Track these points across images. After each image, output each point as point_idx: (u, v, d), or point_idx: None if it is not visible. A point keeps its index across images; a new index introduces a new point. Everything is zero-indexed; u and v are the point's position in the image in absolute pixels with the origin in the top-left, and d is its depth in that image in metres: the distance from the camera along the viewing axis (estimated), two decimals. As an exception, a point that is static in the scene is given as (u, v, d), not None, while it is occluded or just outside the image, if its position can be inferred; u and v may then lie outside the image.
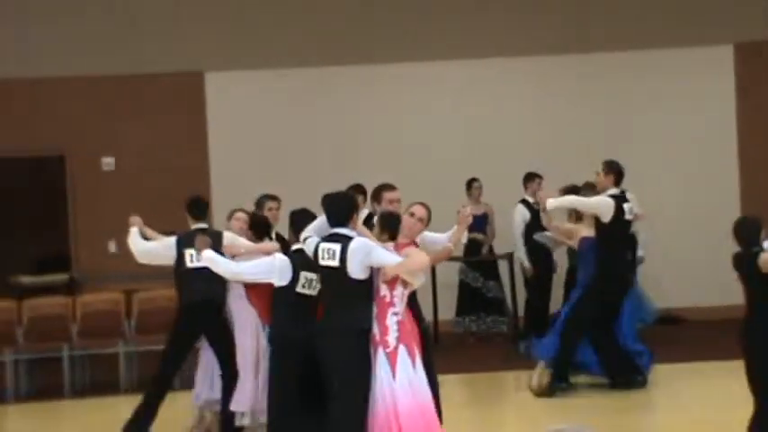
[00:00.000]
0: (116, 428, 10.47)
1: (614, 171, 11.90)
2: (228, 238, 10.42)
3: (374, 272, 8.24)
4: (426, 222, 8.78)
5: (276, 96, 16.92)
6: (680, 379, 12.62)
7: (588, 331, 11.87)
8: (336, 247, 8.23)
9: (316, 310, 8.55)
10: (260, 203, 11.32)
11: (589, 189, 12.63)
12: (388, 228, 8.51)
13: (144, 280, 15.11)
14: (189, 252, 10.16)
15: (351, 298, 8.23)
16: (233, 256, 9.92)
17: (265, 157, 16.67)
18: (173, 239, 10.43)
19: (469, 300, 15.63)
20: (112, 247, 16.20)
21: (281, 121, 16.89)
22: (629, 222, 12.02)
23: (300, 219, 8.86)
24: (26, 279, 15.89)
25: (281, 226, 10.39)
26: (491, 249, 15.75)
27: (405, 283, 8.27)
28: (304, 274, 8.56)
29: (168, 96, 16.81)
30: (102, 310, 13.93)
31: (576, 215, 12.62)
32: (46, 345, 13.75)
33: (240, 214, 10.75)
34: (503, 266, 15.58)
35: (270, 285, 8.64)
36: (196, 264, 9.65)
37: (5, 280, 15.69)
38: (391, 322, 8.23)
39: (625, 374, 11.90)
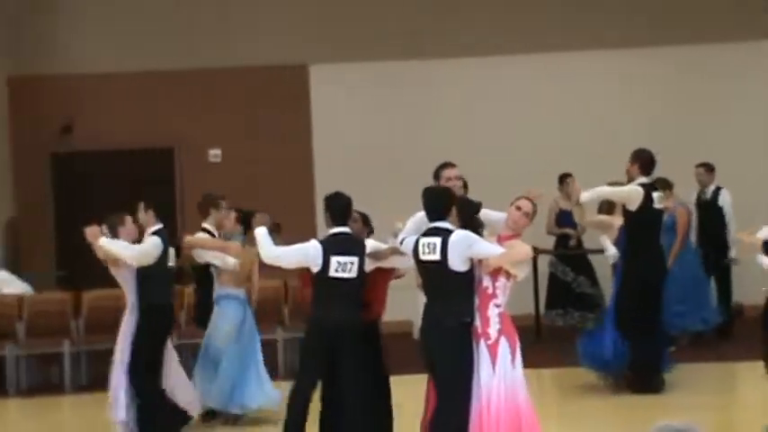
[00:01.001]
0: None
1: (641, 159, 11.63)
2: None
3: (475, 263, 8.12)
4: (531, 217, 8.60)
5: (379, 88, 16.91)
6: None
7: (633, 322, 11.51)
8: (437, 240, 8.12)
9: (353, 294, 8.67)
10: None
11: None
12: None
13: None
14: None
15: (453, 291, 8.11)
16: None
17: (367, 148, 16.66)
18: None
19: (558, 293, 15.37)
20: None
21: (384, 112, 16.87)
22: (658, 211, 11.68)
23: (335, 203, 8.87)
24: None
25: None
26: (579, 243, 15.47)
27: (508, 275, 8.11)
28: (336, 259, 8.61)
29: (273, 88, 16.88)
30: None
31: (607, 207, 12.41)
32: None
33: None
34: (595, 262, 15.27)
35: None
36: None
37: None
38: (493, 314, 8.08)
39: (645, 375, 11.51)
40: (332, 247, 8.67)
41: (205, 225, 11.26)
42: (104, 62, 16.75)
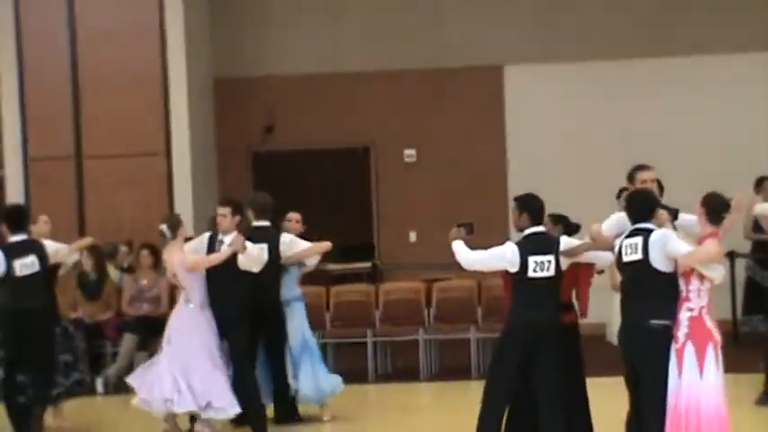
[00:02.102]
0: (415, 413, 10.46)
1: None
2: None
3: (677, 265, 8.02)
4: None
5: (573, 89, 16.85)
6: None
7: None
8: (638, 240, 8.09)
9: (552, 293, 8.66)
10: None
11: None
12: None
13: (441, 270, 15.31)
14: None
15: (656, 291, 8.02)
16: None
17: (560, 149, 16.65)
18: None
19: (757, 298, 14.94)
20: (413, 236, 16.41)
21: (578, 113, 16.82)
22: None
23: (531, 204, 8.88)
24: (333, 266, 16.21)
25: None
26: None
27: (701, 278, 7.93)
28: (533, 259, 8.63)
29: (468, 90, 17.01)
30: (403, 299, 14.10)
31: None
32: (351, 330, 14.03)
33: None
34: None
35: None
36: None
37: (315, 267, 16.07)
38: (683, 317, 7.93)
39: None
40: (528, 247, 8.68)
41: None
42: (304, 64, 17.13)
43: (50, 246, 11.32)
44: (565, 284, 8.83)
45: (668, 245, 7.96)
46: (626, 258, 8.11)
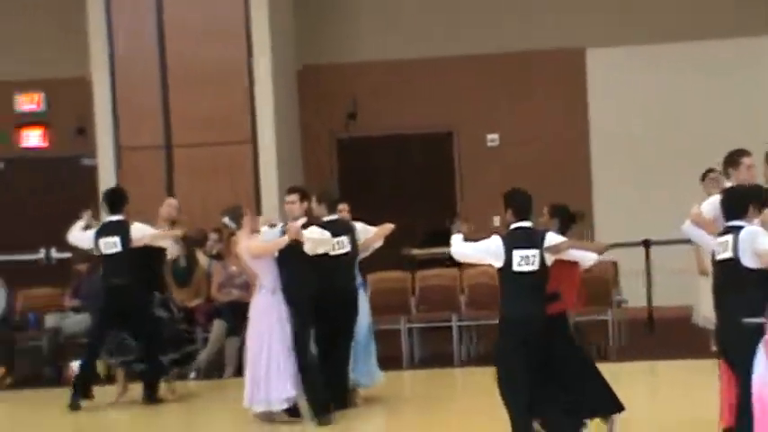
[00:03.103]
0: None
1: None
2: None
3: None
4: None
5: (655, 71, 16.76)
6: None
7: None
8: (729, 238, 8.05)
9: (537, 287, 8.63)
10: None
11: None
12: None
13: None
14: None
15: (748, 289, 7.93)
16: None
17: (644, 132, 16.58)
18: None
19: None
20: (496, 220, 16.37)
21: (659, 95, 16.75)
22: None
23: (516, 199, 8.88)
24: (417, 251, 16.20)
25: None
26: None
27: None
28: (518, 253, 8.61)
29: (550, 73, 17.04)
30: (487, 283, 14.02)
31: None
32: (436, 314, 14.09)
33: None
34: None
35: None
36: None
37: (399, 252, 16.06)
38: (770, 312, 7.99)
39: None
40: (513, 241, 8.67)
41: None
42: (387, 51, 17.24)
43: (139, 229, 12.29)
44: (552, 276, 8.79)
45: (756, 241, 7.89)
46: (718, 257, 8.10)
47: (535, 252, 8.63)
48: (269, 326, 10.75)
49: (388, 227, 11.60)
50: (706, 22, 16.64)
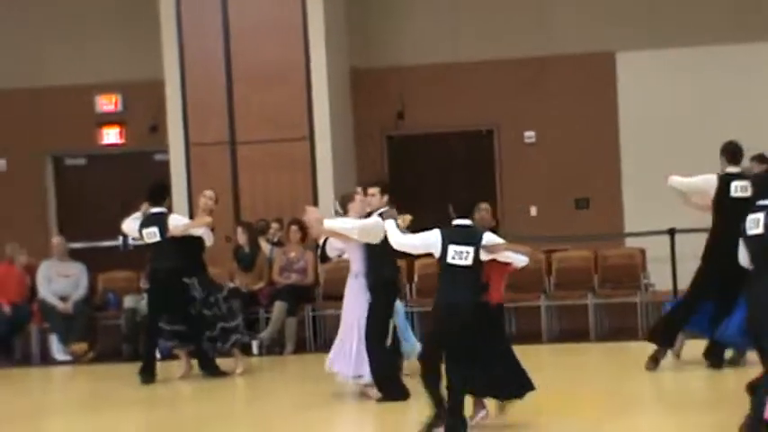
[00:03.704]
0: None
1: (724, 151, 11.83)
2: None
3: None
4: None
5: (683, 74, 16.86)
6: None
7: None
8: (760, 216, 8.46)
9: (469, 280, 9.01)
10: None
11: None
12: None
13: (559, 241, 15.97)
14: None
15: None
16: None
17: (672, 133, 16.63)
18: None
19: None
20: (533, 211, 16.90)
21: (688, 99, 16.80)
22: (736, 200, 11.53)
23: (457, 200, 9.27)
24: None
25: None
26: None
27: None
28: (453, 248, 9.02)
29: (582, 75, 17.15)
30: (525, 268, 14.40)
31: None
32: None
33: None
34: None
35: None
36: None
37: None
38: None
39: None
40: (451, 236, 9.10)
41: None
42: (432, 54, 17.37)
43: (174, 220, 12.86)
44: (484, 270, 9.20)
45: None
46: (749, 232, 8.47)
47: (470, 249, 8.95)
48: (350, 308, 10.95)
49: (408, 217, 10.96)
50: (734, 26, 16.61)
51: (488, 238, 9.14)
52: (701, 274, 11.84)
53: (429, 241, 9.16)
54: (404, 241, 9.43)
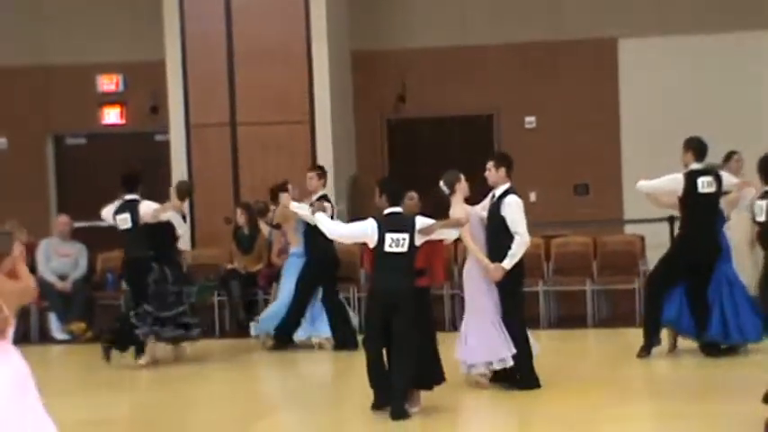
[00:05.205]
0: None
1: (690, 148, 11.85)
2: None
3: None
4: None
5: (685, 61, 16.83)
6: None
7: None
8: (765, 202, 8.71)
9: (405, 266, 9.29)
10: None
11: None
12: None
13: (558, 227, 15.89)
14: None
15: None
16: None
17: (673, 120, 16.48)
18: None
19: None
20: (533, 196, 16.82)
21: (690, 85, 16.79)
22: (704, 195, 11.69)
23: (389, 187, 9.61)
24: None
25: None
26: None
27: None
28: (390, 236, 9.28)
29: (584, 61, 17.12)
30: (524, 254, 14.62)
31: None
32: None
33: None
34: None
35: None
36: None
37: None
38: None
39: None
40: (387, 225, 9.35)
41: None
42: (433, 38, 17.37)
43: (145, 206, 12.75)
44: (420, 253, 9.46)
45: None
46: (758, 219, 8.70)
47: (405, 236, 9.30)
48: (479, 290, 10.45)
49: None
50: (738, 13, 16.56)
51: (421, 221, 9.39)
52: (667, 265, 11.92)
53: (365, 231, 9.40)
54: (339, 231, 9.71)
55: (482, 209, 10.66)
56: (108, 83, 17.98)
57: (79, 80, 17.76)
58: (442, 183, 10.58)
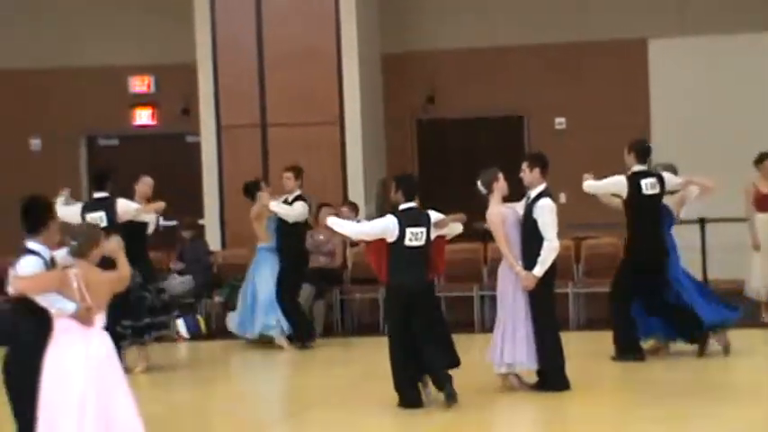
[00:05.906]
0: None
1: (633, 150, 11.87)
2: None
3: None
4: None
5: (715, 62, 16.80)
6: None
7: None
8: None
9: (422, 259, 9.48)
10: None
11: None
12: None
13: (589, 228, 15.74)
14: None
15: None
16: None
17: (704, 121, 16.58)
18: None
19: None
20: (563, 197, 16.71)
21: (720, 86, 16.77)
22: (648, 197, 11.61)
23: (406, 183, 9.75)
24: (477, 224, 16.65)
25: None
26: None
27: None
28: (410, 230, 9.45)
29: (614, 62, 17.12)
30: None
31: None
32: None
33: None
34: None
35: (383, 242, 9.58)
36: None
37: (472, 225, 16.55)
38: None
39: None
40: (406, 220, 9.52)
41: None
42: (463, 39, 17.38)
43: (124, 205, 12.36)
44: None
45: None
46: None
47: (423, 229, 9.52)
48: (512, 291, 10.28)
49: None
50: (766, 13, 16.56)
51: (434, 216, 9.63)
52: (623, 274, 11.87)
53: (387, 226, 9.54)
54: (362, 230, 9.88)
55: (520, 208, 10.58)
56: (140, 85, 18.12)
57: (111, 82, 17.86)
58: (479, 183, 10.35)
